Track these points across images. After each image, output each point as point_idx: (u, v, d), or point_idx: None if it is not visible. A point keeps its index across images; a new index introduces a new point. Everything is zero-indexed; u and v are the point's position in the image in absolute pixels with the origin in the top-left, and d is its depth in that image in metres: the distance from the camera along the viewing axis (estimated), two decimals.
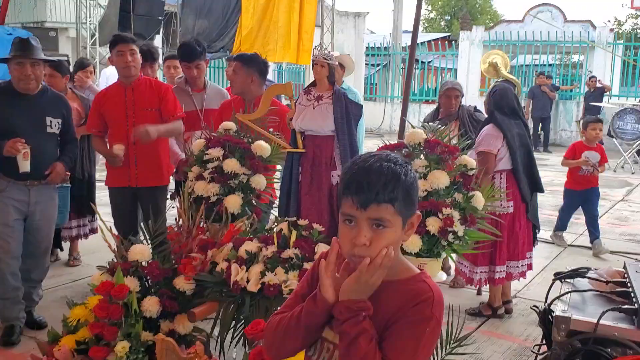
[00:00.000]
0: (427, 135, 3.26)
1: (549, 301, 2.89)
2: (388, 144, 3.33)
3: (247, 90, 4.34)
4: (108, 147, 4.50)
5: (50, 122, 4.04)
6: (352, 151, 3.71)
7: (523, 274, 4.62)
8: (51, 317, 4.06)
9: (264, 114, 3.81)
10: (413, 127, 3.37)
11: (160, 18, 15.14)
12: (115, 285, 3.03)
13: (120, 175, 4.48)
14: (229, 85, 6.48)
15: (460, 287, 5.11)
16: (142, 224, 4.11)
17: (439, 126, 3.46)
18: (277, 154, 3.56)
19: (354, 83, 19.93)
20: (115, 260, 3.32)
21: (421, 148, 3.21)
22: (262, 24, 14.19)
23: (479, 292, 4.97)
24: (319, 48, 3.78)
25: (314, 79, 3.87)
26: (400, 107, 18.65)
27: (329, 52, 3.78)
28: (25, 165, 3.90)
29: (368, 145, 14.98)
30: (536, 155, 14.13)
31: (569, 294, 2.83)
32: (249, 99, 4.30)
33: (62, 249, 5.69)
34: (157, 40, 16.58)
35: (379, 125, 19.04)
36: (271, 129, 3.88)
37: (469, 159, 3.21)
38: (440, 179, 3.06)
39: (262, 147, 3.56)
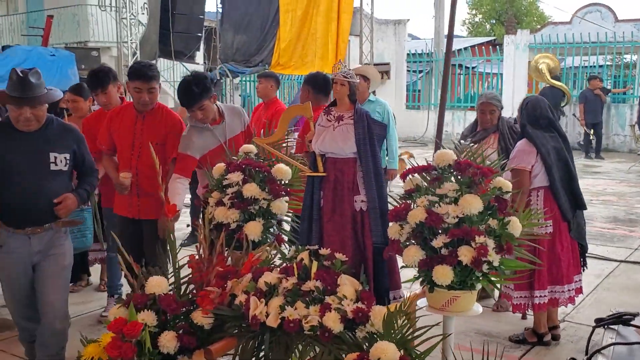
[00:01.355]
0: (458, 156, 3.02)
1: (589, 354, 2.56)
2: (416, 165, 3.10)
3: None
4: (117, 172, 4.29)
5: (55, 158, 3.57)
6: (375, 174, 3.49)
7: (571, 300, 4.29)
8: (79, 347, 3.95)
9: (282, 136, 3.64)
10: (443, 147, 3.13)
11: (199, 35, 15.22)
12: (128, 321, 2.89)
13: (125, 205, 4.33)
14: (260, 102, 6.43)
15: (504, 311, 4.81)
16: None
17: (471, 144, 3.21)
18: (297, 177, 3.37)
19: (395, 91, 19.72)
20: (132, 292, 3.19)
21: (451, 170, 2.97)
22: (300, 36, 14.17)
23: (523, 317, 4.66)
24: (338, 66, 3.57)
25: (334, 99, 3.68)
26: (445, 115, 18.26)
27: (349, 69, 3.57)
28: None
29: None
30: (588, 162, 13.64)
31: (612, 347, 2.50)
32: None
33: (89, 274, 5.59)
34: (198, 57, 16.72)
35: (423, 133, 18.70)
36: (292, 150, 3.71)
37: (504, 181, 2.95)
38: (473, 203, 2.81)
39: (282, 171, 3.39)
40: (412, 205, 2.98)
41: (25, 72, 3.42)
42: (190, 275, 3.24)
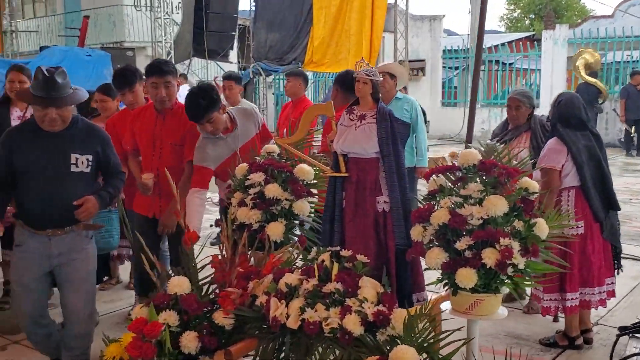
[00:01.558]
0: (484, 156, 2.94)
1: None
2: (440, 165, 3.03)
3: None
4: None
5: (77, 159, 3.44)
6: (398, 174, 3.42)
7: (602, 302, 4.16)
8: (103, 346, 3.98)
9: (304, 136, 3.60)
10: (469, 146, 3.05)
11: (233, 33, 15.32)
12: (149, 322, 2.90)
13: (145, 204, 4.29)
14: (289, 100, 6.42)
15: (535, 313, 4.69)
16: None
17: (497, 144, 3.12)
18: (319, 178, 3.33)
19: (430, 88, 19.52)
20: (156, 291, 3.19)
21: (476, 170, 2.89)
22: (333, 33, 14.12)
23: (555, 319, 4.54)
24: (360, 64, 3.51)
25: (356, 97, 3.62)
26: (481, 112, 18.09)
27: (371, 67, 3.51)
28: None
29: (446, 152, 14.58)
30: (629, 160, 13.29)
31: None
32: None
33: (110, 276, 5.59)
34: (232, 56, 16.82)
35: (459, 131, 18.47)
36: (315, 150, 3.67)
37: (531, 182, 2.86)
38: (498, 205, 2.73)
39: (304, 171, 3.35)
40: (435, 206, 2.91)
41: (52, 72, 3.33)
42: (213, 275, 3.23)
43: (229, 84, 6.61)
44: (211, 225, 4.48)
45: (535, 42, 20.71)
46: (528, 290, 4.72)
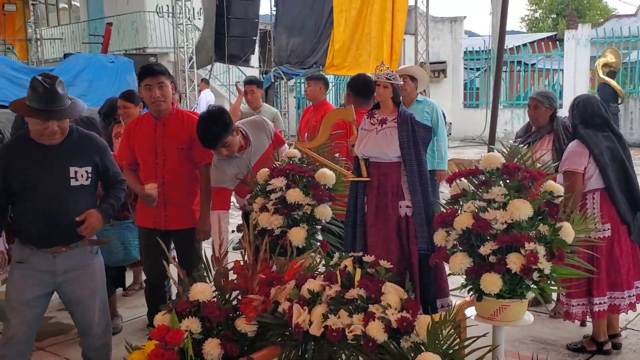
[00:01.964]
0: (507, 159, 2.89)
1: None
2: (463, 168, 2.99)
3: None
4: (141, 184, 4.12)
5: (76, 172, 3.27)
6: (420, 178, 3.38)
7: (632, 306, 4.08)
8: (125, 353, 4.00)
9: (324, 141, 3.58)
10: (492, 149, 3.01)
11: (254, 38, 15.38)
12: (171, 329, 2.89)
13: (150, 215, 4.11)
14: (309, 104, 6.42)
15: (562, 317, 4.60)
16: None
17: (521, 146, 3.07)
18: (341, 182, 3.31)
19: (452, 89, 19.41)
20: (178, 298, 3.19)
21: (499, 174, 2.85)
22: (354, 36, 14.11)
23: (582, 324, 4.46)
24: (381, 67, 3.48)
25: (377, 101, 3.59)
26: (504, 113, 17.92)
27: (392, 71, 3.49)
28: None
29: (468, 155, 14.45)
30: None
31: None
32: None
33: (124, 288, 5.55)
34: (253, 60, 16.89)
35: (481, 132, 18.33)
36: (337, 155, 3.64)
37: (555, 185, 2.81)
38: (522, 209, 2.68)
39: (326, 176, 3.33)
40: (458, 211, 2.87)
41: (51, 82, 3.15)
42: (235, 281, 3.22)
43: (251, 88, 6.63)
44: (233, 231, 4.48)
45: (558, 42, 20.50)
46: (554, 295, 4.65)
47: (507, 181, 2.83)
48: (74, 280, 3.36)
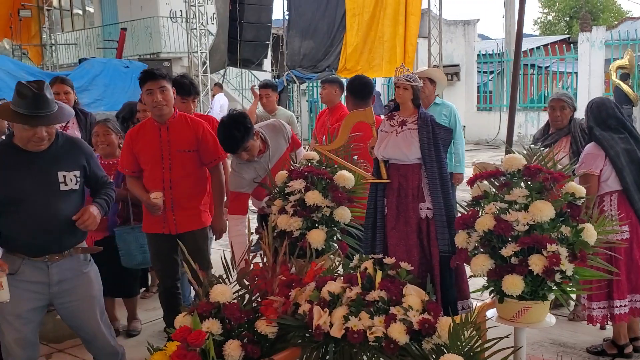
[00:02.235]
0: (532, 161, 2.89)
1: None
2: (485, 170, 2.98)
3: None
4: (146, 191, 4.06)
5: (64, 177, 3.17)
6: (441, 180, 3.37)
7: None
8: (146, 354, 4.02)
9: (343, 143, 3.58)
10: (512, 151, 3.00)
11: (267, 42, 15.43)
12: (193, 330, 2.90)
13: (159, 220, 4.05)
14: (323, 107, 6.43)
15: (581, 320, 4.58)
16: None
17: (542, 148, 3.06)
18: (360, 184, 3.31)
19: (465, 92, 19.36)
20: (198, 299, 3.20)
21: (521, 175, 2.84)
22: (367, 40, 14.11)
23: (602, 327, 4.43)
24: (400, 69, 3.48)
25: (396, 103, 3.59)
26: (517, 116, 17.78)
27: (412, 73, 3.48)
28: (1, 296, 2.99)
29: (483, 157, 14.40)
30: None
31: None
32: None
33: (147, 289, 5.60)
34: (266, 64, 16.94)
35: (495, 135, 18.27)
36: (355, 157, 3.65)
37: (577, 187, 2.80)
38: (544, 210, 2.67)
39: (345, 178, 3.33)
40: (479, 213, 2.87)
41: (40, 87, 3.03)
42: (255, 283, 3.23)
43: (266, 92, 6.68)
44: (252, 233, 4.48)
45: (571, 45, 20.40)
46: (573, 296, 4.62)
47: (529, 183, 2.82)
48: (69, 291, 3.25)
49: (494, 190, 2.91)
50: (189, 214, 4.07)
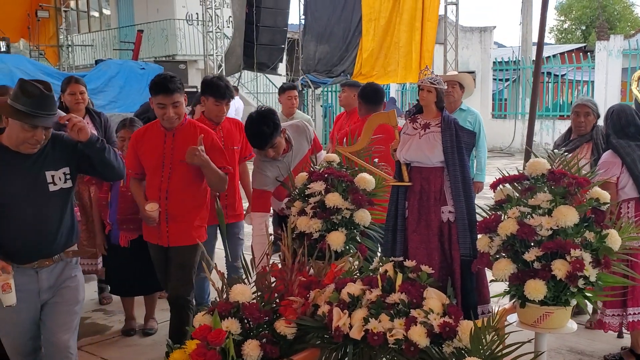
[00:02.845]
0: (552, 165, 2.87)
1: None
2: (508, 170, 2.97)
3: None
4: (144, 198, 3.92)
5: (52, 176, 3.01)
6: (464, 183, 3.36)
7: None
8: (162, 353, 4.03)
9: (366, 145, 3.58)
10: (535, 155, 2.99)
11: (282, 46, 15.46)
12: (213, 329, 2.91)
13: (154, 231, 3.93)
14: (342, 111, 6.43)
15: (599, 328, 4.54)
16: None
17: (566, 153, 3.05)
18: (381, 187, 3.31)
19: (480, 99, 19.29)
20: (217, 299, 3.20)
21: (545, 180, 2.83)
22: (382, 45, 14.09)
23: (619, 335, 4.39)
24: (425, 72, 3.48)
25: (420, 106, 3.58)
26: (534, 122, 17.65)
27: (436, 76, 3.48)
28: (9, 299, 2.88)
29: (497, 165, 14.36)
30: None
31: None
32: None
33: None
34: (281, 68, 16.97)
35: (510, 143, 18.19)
36: (376, 160, 3.64)
37: (602, 192, 2.79)
38: (568, 215, 2.66)
39: (365, 180, 3.33)
40: (502, 217, 2.86)
41: (48, 88, 2.93)
42: (273, 284, 3.23)
43: (294, 93, 6.65)
44: (271, 235, 4.49)
45: (588, 53, 20.29)
46: (599, 304, 4.59)
47: (552, 187, 2.80)
48: (56, 297, 3.11)
49: (517, 194, 2.90)
50: (183, 228, 3.88)
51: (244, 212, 4.75)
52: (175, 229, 3.86)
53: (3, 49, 14.33)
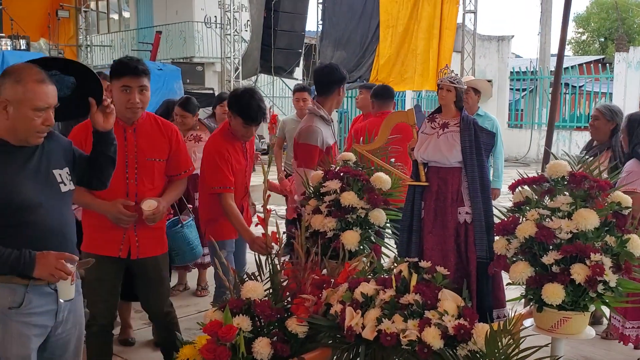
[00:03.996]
0: (573, 168, 2.82)
1: None
2: (525, 176, 2.92)
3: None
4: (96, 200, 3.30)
5: (60, 176, 2.60)
6: (482, 185, 3.32)
7: None
8: None
9: (383, 144, 3.55)
10: (556, 157, 2.94)
11: (300, 51, 15.48)
12: (224, 325, 2.88)
13: (114, 241, 3.38)
14: (358, 114, 6.41)
15: (614, 339, 4.46)
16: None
17: (587, 157, 3.00)
18: (397, 187, 3.27)
19: (497, 109, 19.20)
20: (229, 296, 3.18)
21: (565, 183, 2.78)
22: (400, 52, 14.05)
23: (636, 347, 4.30)
24: (445, 70, 3.44)
25: (439, 105, 3.55)
26: (553, 127, 17.55)
27: (456, 74, 3.44)
28: (67, 292, 2.51)
29: (512, 175, 14.27)
30: None
31: None
32: None
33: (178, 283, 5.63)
34: (298, 72, 16.99)
35: (525, 153, 18.08)
36: (392, 159, 3.61)
37: (624, 196, 2.73)
38: (588, 219, 2.60)
39: (381, 180, 3.29)
40: (520, 219, 2.81)
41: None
42: (286, 283, 3.20)
43: (303, 95, 6.52)
44: (284, 233, 4.45)
45: (606, 65, 20.15)
46: (607, 314, 4.52)
47: (573, 190, 2.75)
48: (68, 316, 2.66)
49: (536, 196, 2.85)
50: (154, 236, 3.48)
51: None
52: (146, 237, 3.42)
53: (23, 47, 14.45)
